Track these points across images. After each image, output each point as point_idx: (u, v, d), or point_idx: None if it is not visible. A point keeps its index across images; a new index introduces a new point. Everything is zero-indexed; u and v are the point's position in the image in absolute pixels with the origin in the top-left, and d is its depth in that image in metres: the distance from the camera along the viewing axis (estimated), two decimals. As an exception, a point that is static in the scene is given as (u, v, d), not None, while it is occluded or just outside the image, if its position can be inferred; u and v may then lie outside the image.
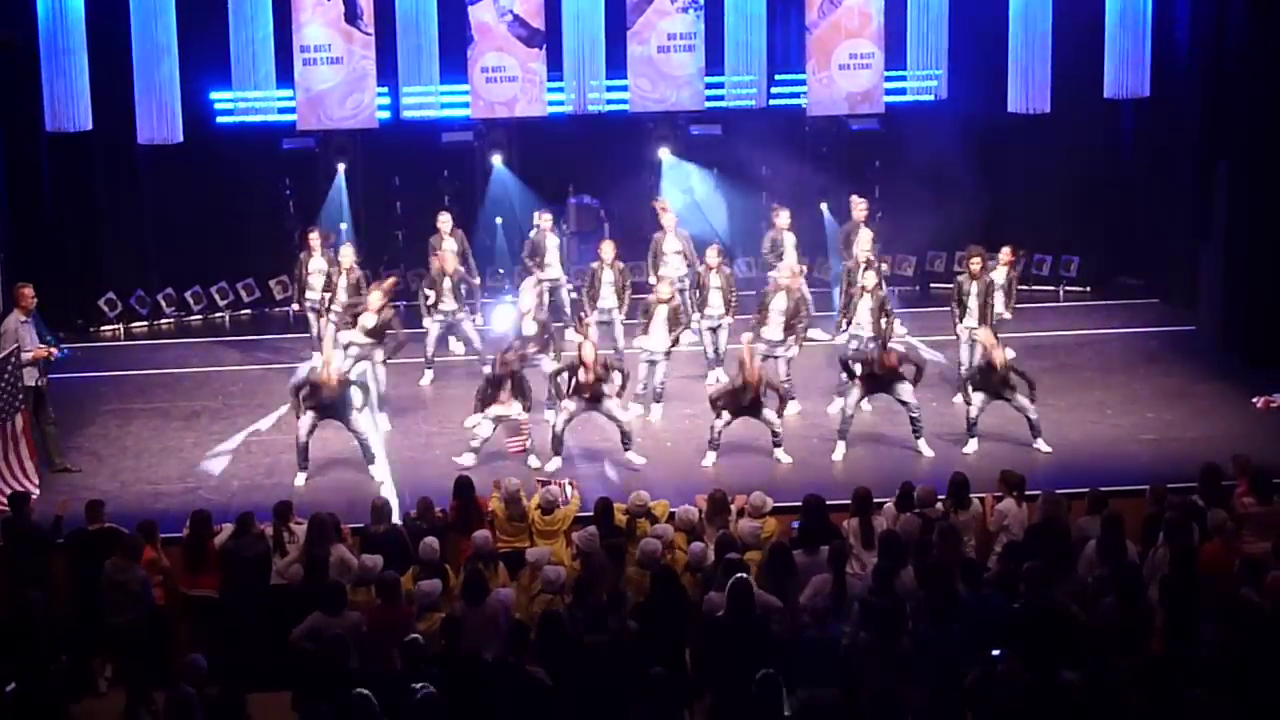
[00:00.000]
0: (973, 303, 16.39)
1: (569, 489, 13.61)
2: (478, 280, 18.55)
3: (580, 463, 15.16)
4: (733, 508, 12.96)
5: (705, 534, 12.63)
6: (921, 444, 15.32)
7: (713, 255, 17.22)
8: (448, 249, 17.76)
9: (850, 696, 9.88)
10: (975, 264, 16.52)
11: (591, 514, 12.88)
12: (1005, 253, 17.30)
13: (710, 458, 15.15)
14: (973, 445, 15.30)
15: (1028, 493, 12.98)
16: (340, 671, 10.23)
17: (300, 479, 14.83)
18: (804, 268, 17.89)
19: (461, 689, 9.98)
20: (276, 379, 17.52)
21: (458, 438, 15.63)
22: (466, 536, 12.74)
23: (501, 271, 20.46)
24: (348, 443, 15.24)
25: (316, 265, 17.68)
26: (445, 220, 18.29)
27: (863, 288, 16.38)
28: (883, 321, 16.10)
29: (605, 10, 18.98)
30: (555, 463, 15.00)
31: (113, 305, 20.18)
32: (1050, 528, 12.19)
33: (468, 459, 14.94)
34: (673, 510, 12.95)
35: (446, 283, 17.37)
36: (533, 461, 15.07)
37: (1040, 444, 15.24)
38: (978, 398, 15.29)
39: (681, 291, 17.25)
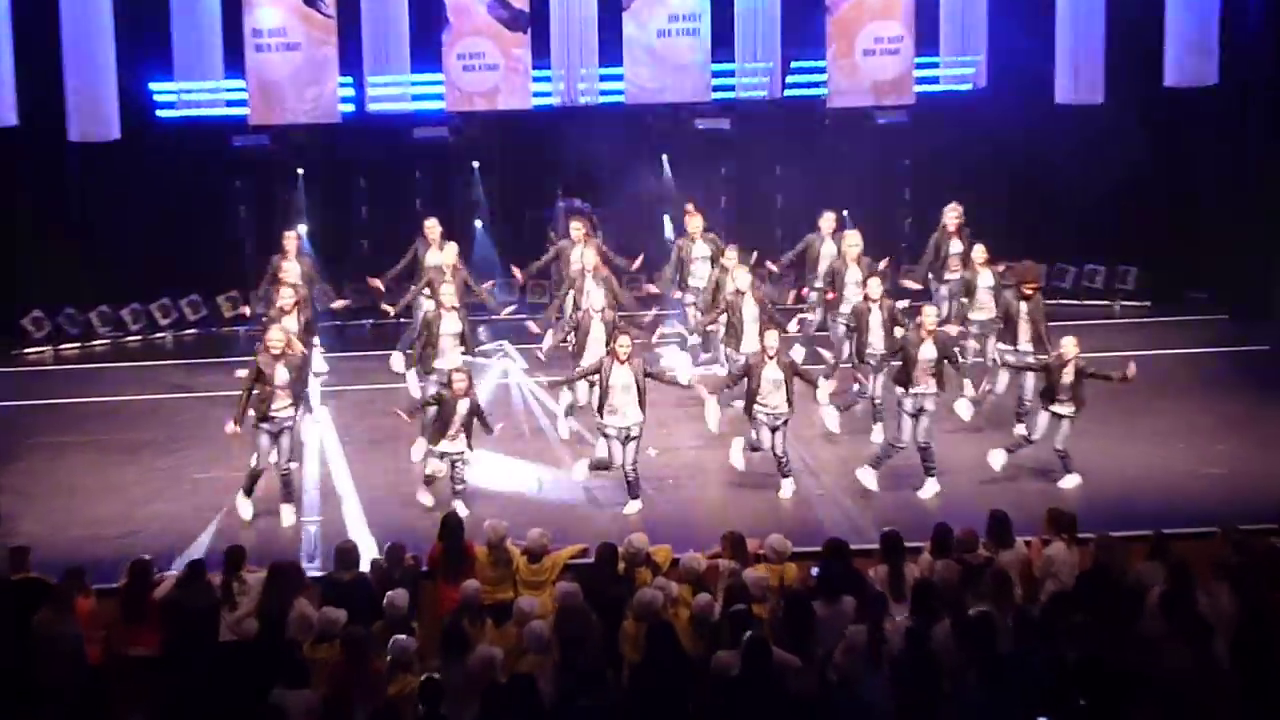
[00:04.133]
0: (1025, 328, 16.18)
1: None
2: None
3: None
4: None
5: (719, 582, 12.57)
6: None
7: (731, 256, 17.25)
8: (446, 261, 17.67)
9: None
10: (1029, 287, 16.25)
11: (592, 560, 12.88)
12: (980, 250, 17.21)
13: (788, 486, 15.26)
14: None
15: (1080, 535, 13.01)
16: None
17: (287, 514, 14.89)
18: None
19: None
20: (228, 408, 17.49)
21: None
22: (451, 585, 12.73)
23: (493, 283, 20.46)
24: (308, 477, 15.34)
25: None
26: (433, 226, 18.13)
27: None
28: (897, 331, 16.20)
29: (598, -12, 19.03)
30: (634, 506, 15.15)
31: (39, 324, 20.22)
32: (1104, 575, 12.19)
33: (425, 499, 14.93)
34: (676, 557, 12.95)
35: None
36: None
37: (1070, 480, 15.31)
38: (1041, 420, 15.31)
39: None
